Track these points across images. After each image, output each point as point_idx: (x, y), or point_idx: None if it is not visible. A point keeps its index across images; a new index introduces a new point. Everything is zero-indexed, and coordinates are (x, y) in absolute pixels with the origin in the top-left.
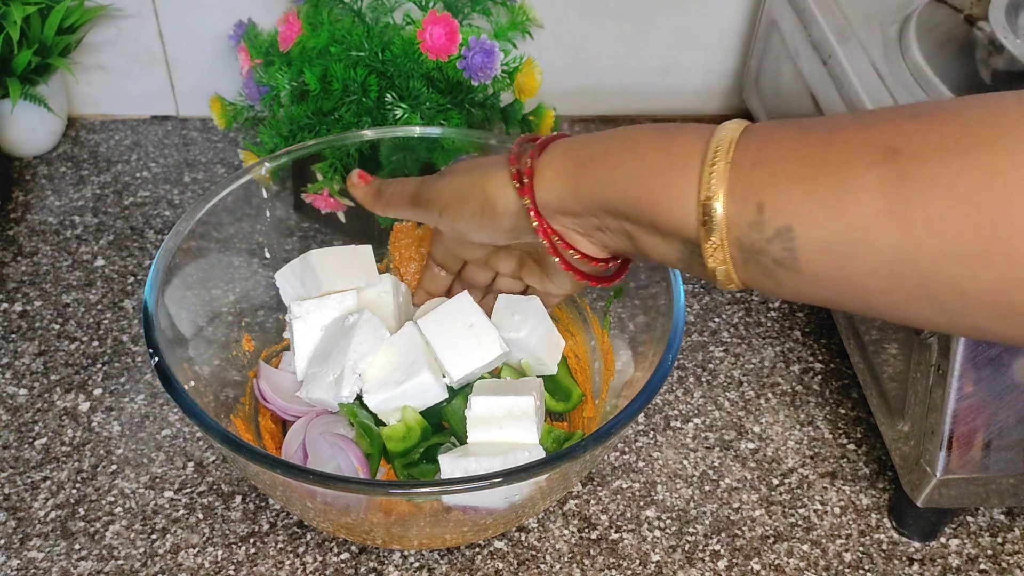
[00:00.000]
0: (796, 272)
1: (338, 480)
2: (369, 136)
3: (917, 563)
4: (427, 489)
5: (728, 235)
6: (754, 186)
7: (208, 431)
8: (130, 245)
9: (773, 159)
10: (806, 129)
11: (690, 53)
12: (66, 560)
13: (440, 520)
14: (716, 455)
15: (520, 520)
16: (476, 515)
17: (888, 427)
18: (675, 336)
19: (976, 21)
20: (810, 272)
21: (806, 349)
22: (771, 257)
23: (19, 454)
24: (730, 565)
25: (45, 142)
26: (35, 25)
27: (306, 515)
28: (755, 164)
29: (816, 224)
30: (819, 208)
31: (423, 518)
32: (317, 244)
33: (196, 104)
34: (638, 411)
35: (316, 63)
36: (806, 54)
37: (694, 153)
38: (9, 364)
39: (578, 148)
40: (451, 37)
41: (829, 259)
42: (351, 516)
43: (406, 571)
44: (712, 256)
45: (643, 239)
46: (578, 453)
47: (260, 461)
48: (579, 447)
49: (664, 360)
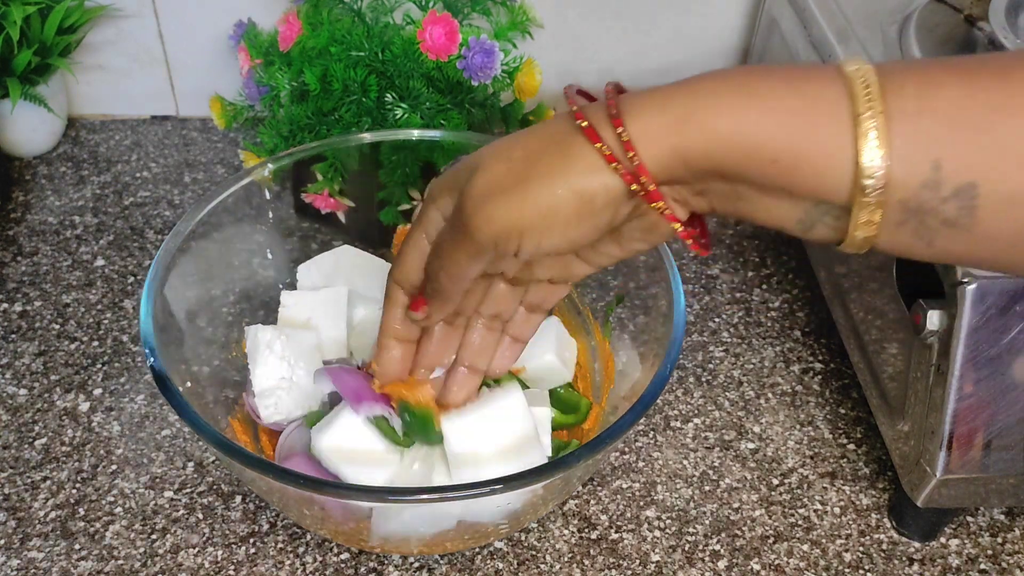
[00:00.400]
0: (968, 232)
1: (332, 486)
2: (369, 139)
3: (917, 563)
4: (426, 496)
5: (891, 196)
6: (926, 139)
7: (200, 432)
8: (130, 245)
9: (942, 106)
10: (970, 70)
11: (690, 53)
12: (66, 560)
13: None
14: (716, 455)
15: (521, 526)
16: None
17: (888, 427)
18: (674, 345)
19: (976, 21)
20: (985, 231)
21: (806, 349)
22: (941, 218)
23: (19, 454)
24: (730, 565)
25: (45, 142)
26: (35, 25)
27: (303, 520)
28: (919, 113)
29: (1006, 179)
30: (1010, 160)
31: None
32: (317, 244)
33: (196, 104)
34: (636, 419)
35: (316, 63)
36: (806, 54)
37: (836, 101)
38: (9, 364)
39: (675, 103)
40: (451, 37)
41: (1013, 216)
42: (351, 523)
43: (406, 571)
44: (864, 221)
45: (760, 202)
46: (572, 463)
47: (252, 465)
48: (574, 456)
49: (662, 369)
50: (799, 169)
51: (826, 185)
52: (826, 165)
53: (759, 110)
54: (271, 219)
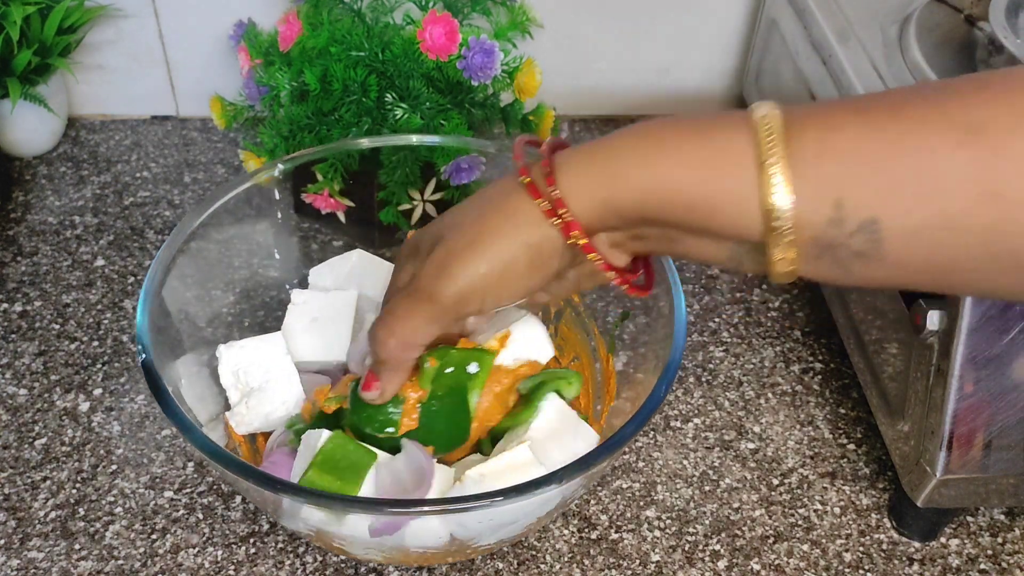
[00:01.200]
0: (879, 261)
1: (323, 496)
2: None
3: (917, 563)
4: (428, 508)
5: (800, 235)
6: (827, 180)
7: (186, 434)
8: (130, 245)
9: (840, 147)
10: (865, 110)
11: (690, 53)
12: (66, 560)
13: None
14: (716, 455)
15: (522, 536)
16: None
17: (888, 427)
18: (673, 360)
19: (976, 21)
20: (896, 260)
21: (806, 349)
22: (851, 250)
23: (19, 454)
24: (730, 565)
25: (45, 142)
26: (35, 25)
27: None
28: (820, 155)
29: (905, 213)
30: (907, 196)
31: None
32: (317, 244)
33: (196, 104)
34: (638, 427)
35: (316, 63)
36: (806, 54)
37: (742, 150)
38: (9, 364)
39: (600, 158)
40: (451, 37)
41: (918, 247)
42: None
43: (406, 571)
44: (780, 258)
45: (688, 243)
46: (565, 478)
47: (235, 469)
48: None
49: (656, 390)
50: (714, 215)
51: (740, 227)
52: (738, 210)
53: (673, 162)
54: (270, 219)
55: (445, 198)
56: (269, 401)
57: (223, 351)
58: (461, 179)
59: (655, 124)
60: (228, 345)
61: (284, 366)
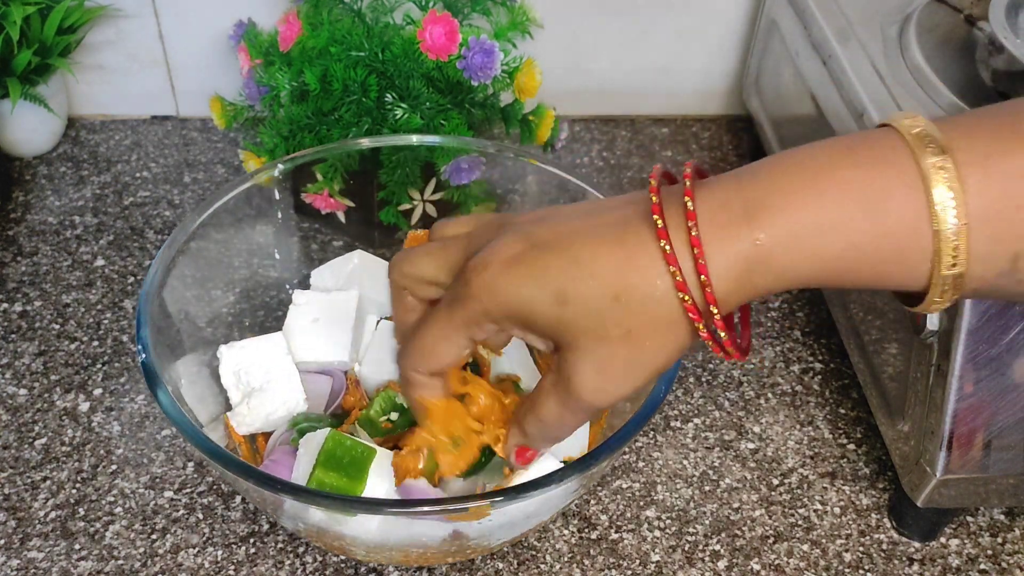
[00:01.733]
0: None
1: (323, 497)
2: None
3: (917, 563)
4: (427, 508)
5: (966, 286)
6: (1008, 238)
7: (184, 433)
8: (130, 245)
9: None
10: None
11: (690, 53)
12: (66, 560)
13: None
14: (716, 455)
15: (522, 537)
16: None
17: (888, 427)
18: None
19: (976, 21)
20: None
21: (806, 349)
22: (1014, 292)
23: (19, 454)
24: (730, 565)
25: (45, 142)
26: (35, 25)
27: (297, 529)
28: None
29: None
30: None
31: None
32: (317, 244)
33: (196, 104)
34: (637, 428)
35: (316, 63)
36: (806, 54)
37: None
38: (9, 364)
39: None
40: (451, 37)
41: None
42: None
43: (406, 571)
44: (935, 305)
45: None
46: (560, 480)
47: (235, 469)
48: (558, 475)
49: (657, 389)
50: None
51: (907, 285)
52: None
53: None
54: (270, 219)
55: (445, 198)
56: (270, 401)
57: (224, 351)
58: (461, 179)
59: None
60: (229, 345)
61: (285, 366)
